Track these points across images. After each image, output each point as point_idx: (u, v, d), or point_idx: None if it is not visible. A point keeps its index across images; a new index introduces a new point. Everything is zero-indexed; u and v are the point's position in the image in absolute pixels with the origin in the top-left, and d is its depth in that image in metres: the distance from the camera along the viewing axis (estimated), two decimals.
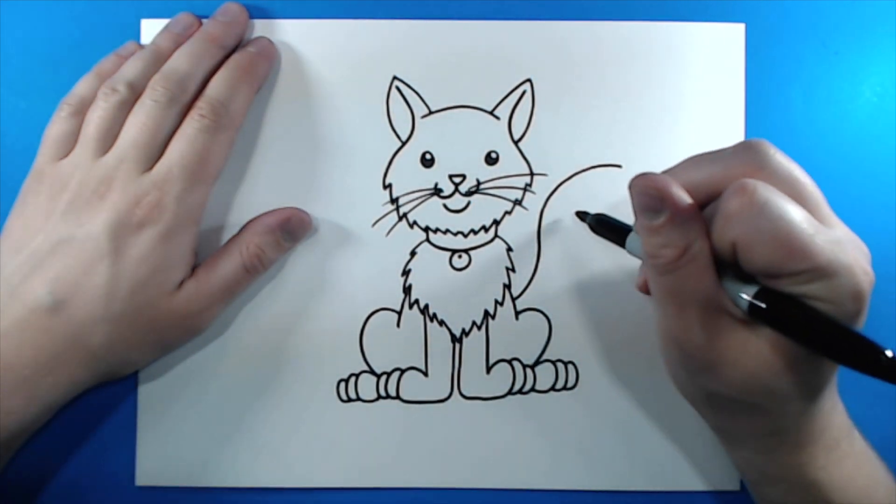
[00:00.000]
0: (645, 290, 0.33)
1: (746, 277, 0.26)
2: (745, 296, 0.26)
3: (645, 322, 0.36)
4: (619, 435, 0.36)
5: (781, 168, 0.27)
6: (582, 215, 0.35)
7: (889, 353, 0.23)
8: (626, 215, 0.35)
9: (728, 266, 0.27)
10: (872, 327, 0.36)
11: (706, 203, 0.28)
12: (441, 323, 0.36)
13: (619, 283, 0.36)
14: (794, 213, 0.25)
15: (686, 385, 0.30)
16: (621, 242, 0.32)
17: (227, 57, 0.35)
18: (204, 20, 0.35)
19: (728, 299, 0.27)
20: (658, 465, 0.36)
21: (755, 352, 0.26)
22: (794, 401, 0.28)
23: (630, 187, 0.27)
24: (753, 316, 0.26)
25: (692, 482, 0.36)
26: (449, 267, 0.36)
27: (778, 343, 0.26)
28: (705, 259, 0.27)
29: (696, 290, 0.27)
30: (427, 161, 0.36)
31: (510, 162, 0.36)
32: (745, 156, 0.27)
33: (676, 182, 0.27)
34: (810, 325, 0.25)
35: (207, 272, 0.34)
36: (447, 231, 0.36)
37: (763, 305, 0.26)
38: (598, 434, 0.36)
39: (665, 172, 0.29)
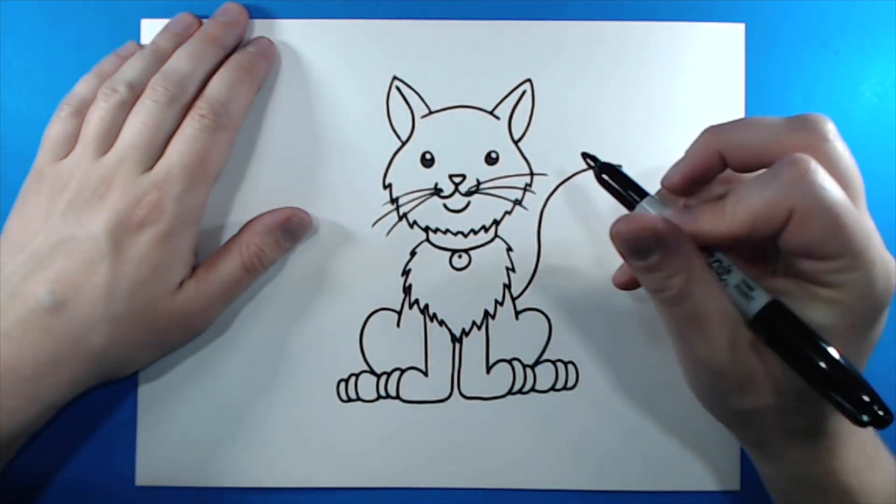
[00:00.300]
0: (623, 286, 0.33)
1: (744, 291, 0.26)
2: (751, 311, 0.26)
3: (645, 322, 0.36)
4: (619, 435, 0.36)
5: (838, 152, 0.26)
6: (591, 159, 0.32)
7: (866, 418, 0.24)
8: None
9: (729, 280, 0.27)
10: None
11: (748, 168, 0.27)
12: (441, 323, 0.36)
13: None
14: (843, 196, 0.25)
15: (718, 406, 0.29)
16: (629, 206, 0.31)
17: (227, 57, 0.35)
18: (204, 20, 0.35)
19: (737, 308, 0.27)
20: (658, 465, 0.36)
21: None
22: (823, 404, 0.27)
23: (613, 235, 0.27)
24: (759, 335, 0.26)
25: (692, 482, 0.36)
26: (449, 267, 0.36)
27: None
28: (710, 274, 0.26)
29: (714, 307, 0.26)
30: (427, 161, 0.36)
31: (510, 162, 0.36)
32: (807, 131, 0.26)
33: (653, 214, 0.27)
34: (808, 356, 0.25)
35: (207, 272, 0.34)
36: (447, 231, 0.36)
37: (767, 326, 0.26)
38: (598, 434, 0.36)
39: (717, 128, 0.28)
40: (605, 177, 0.31)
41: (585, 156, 0.33)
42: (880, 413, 0.24)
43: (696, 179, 0.29)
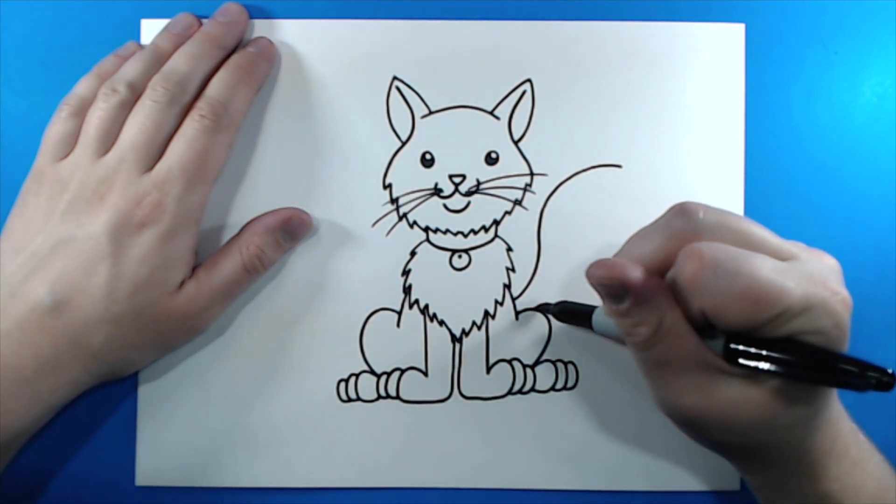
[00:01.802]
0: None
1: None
2: (718, 346, 0.26)
3: None
4: (618, 435, 0.36)
5: (712, 222, 0.26)
6: (544, 308, 0.36)
7: (875, 375, 0.23)
8: (627, 215, 0.35)
9: (712, 327, 0.26)
10: (876, 327, 0.36)
11: (662, 274, 0.28)
12: (441, 323, 0.36)
13: None
14: (750, 263, 0.25)
15: (697, 438, 0.30)
16: (588, 325, 0.32)
17: (227, 57, 0.35)
18: (204, 20, 0.35)
19: (718, 358, 0.26)
20: (658, 465, 0.36)
21: (755, 399, 0.26)
22: (804, 424, 0.28)
23: (588, 276, 0.27)
24: (734, 363, 0.26)
25: (692, 482, 0.36)
26: (449, 267, 0.36)
27: (776, 385, 0.26)
28: (681, 327, 0.27)
29: (680, 357, 0.27)
30: (427, 161, 0.36)
31: (510, 162, 0.36)
32: (678, 222, 0.27)
33: (631, 262, 0.27)
34: (794, 358, 0.25)
35: (208, 272, 0.34)
36: (447, 231, 0.36)
37: (740, 347, 0.25)
38: (597, 434, 0.36)
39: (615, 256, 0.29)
40: (562, 313, 0.35)
41: (539, 307, 0.36)
42: (877, 375, 0.23)
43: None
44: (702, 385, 0.27)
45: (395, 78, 0.36)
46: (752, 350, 0.25)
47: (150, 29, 0.36)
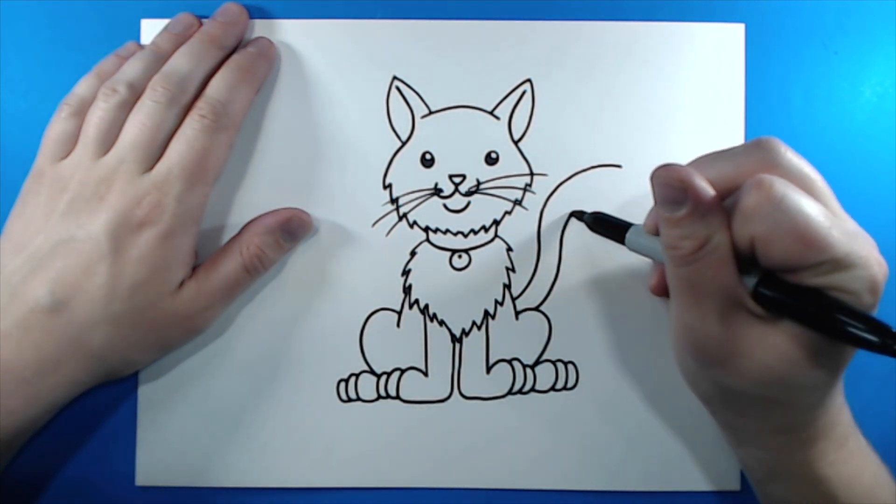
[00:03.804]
0: (658, 292, 0.33)
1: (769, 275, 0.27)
2: (751, 284, 0.26)
3: (645, 322, 0.36)
4: (619, 435, 0.36)
5: (793, 164, 0.27)
6: (578, 214, 0.36)
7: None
8: (626, 215, 0.35)
9: (751, 263, 0.27)
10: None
11: (721, 200, 0.28)
12: (441, 323, 0.36)
13: (619, 283, 0.36)
14: (811, 207, 0.25)
15: (698, 379, 0.30)
16: (620, 239, 0.32)
17: (227, 57, 0.35)
18: (204, 20, 0.35)
19: (748, 295, 0.27)
20: (658, 465, 0.36)
21: (772, 345, 0.26)
22: (809, 393, 0.28)
23: (652, 178, 0.27)
24: (763, 305, 0.26)
25: (692, 482, 0.36)
26: (449, 267, 0.36)
27: (797, 336, 0.26)
28: (724, 252, 0.26)
29: (714, 282, 0.26)
30: (427, 161, 0.36)
31: (510, 162, 0.36)
32: (757, 153, 0.27)
33: (699, 174, 0.27)
34: (822, 310, 0.25)
35: (208, 272, 0.34)
36: (447, 231, 0.36)
37: (768, 293, 0.26)
38: (597, 434, 0.36)
39: None
40: (596, 223, 0.35)
41: (574, 213, 0.36)
42: None
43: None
44: (725, 316, 0.27)
45: (395, 78, 0.36)
46: (782, 295, 0.26)
47: (150, 29, 0.36)
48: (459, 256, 0.36)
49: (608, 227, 0.34)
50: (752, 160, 0.27)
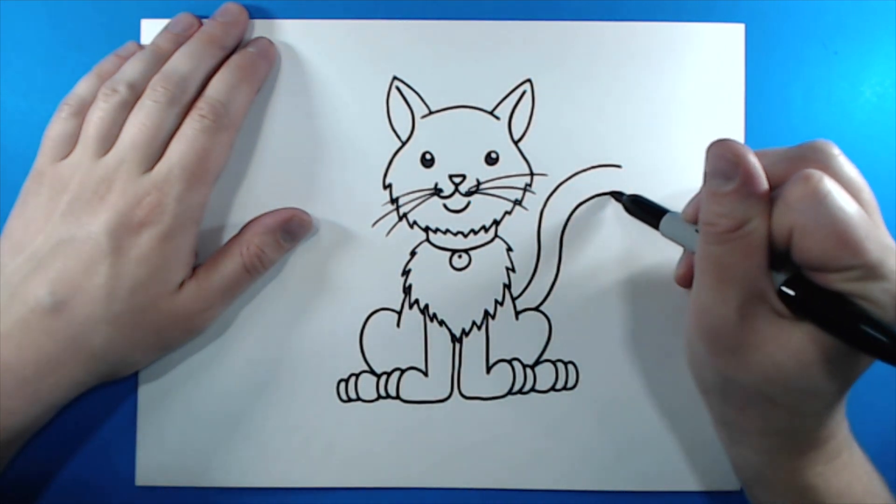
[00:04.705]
0: (683, 282, 0.32)
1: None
2: (779, 281, 0.26)
3: (646, 322, 0.36)
4: (619, 435, 0.36)
5: (844, 169, 0.27)
6: (617, 195, 0.36)
7: None
8: (626, 216, 0.36)
9: (782, 261, 0.27)
10: None
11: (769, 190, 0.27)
12: (441, 323, 0.36)
13: (619, 283, 0.36)
14: (853, 209, 0.25)
15: (703, 367, 0.29)
16: (654, 224, 0.32)
17: (227, 57, 0.35)
18: (204, 20, 0.35)
19: (773, 290, 0.26)
20: (658, 465, 0.36)
21: (788, 344, 0.26)
22: (814, 401, 0.28)
23: (707, 149, 0.27)
24: (787, 303, 0.26)
25: (692, 482, 0.36)
26: (449, 267, 0.36)
27: (815, 340, 0.26)
28: (759, 239, 0.26)
29: (741, 266, 0.26)
30: (427, 161, 0.36)
31: (510, 162, 0.36)
32: (811, 153, 0.27)
33: (754, 155, 0.27)
34: (848, 317, 0.25)
35: (208, 272, 0.34)
36: (447, 231, 0.36)
37: (795, 292, 0.26)
38: (597, 434, 0.36)
39: None
40: (633, 205, 0.34)
41: (612, 194, 0.36)
42: None
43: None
44: (746, 304, 0.26)
45: (395, 78, 0.36)
46: (809, 295, 0.26)
47: (150, 29, 0.36)
48: (459, 256, 0.36)
49: (645, 209, 0.34)
50: (803, 159, 0.27)
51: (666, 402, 0.36)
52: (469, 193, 0.36)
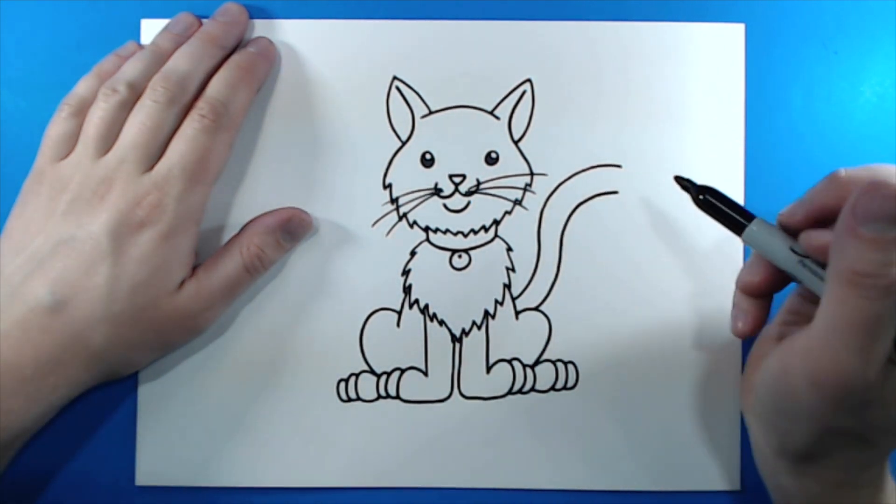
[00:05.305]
0: (751, 291, 0.30)
1: None
2: None
3: (646, 322, 0.36)
4: (619, 435, 0.36)
5: None
6: (684, 183, 0.31)
7: None
8: (626, 215, 0.35)
9: None
10: None
11: None
12: (441, 323, 0.36)
13: (620, 283, 0.36)
14: None
15: (798, 416, 0.27)
16: (734, 228, 0.29)
17: (227, 57, 0.35)
18: (204, 20, 0.35)
19: None
20: (658, 465, 0.36)
21: None
22: None
23: (864, 189, 0.23)
24: None
25: (692, 482, 0.36)
26: (449, 267, 0.36)
27: None
28: None
29: (888, 318, 0.23)
30: (427, 161, 0.36)
31: (510, 162, 0.36)
32: None
33: None
34: None
35: (208, 272, 0.34)
36: (447, 231, 0.36)
37: None
38: (598, 434, 0.36)
39: (844, 172, 0.27)
40: (707, 199, 0.30)
41: (679, 179, 0.31)
42: None
43: (818, 220, 0.28)
44: (890, 363, 0.24)
45: (395, 78, 0.36)
46: None
47: (150, 29, 0.36)
48: (459, 256, 0.36)
49: (721, 209, 0.30)
50: None
51: (666, 402, 0.36)
52: (469, 193, 0.36)
